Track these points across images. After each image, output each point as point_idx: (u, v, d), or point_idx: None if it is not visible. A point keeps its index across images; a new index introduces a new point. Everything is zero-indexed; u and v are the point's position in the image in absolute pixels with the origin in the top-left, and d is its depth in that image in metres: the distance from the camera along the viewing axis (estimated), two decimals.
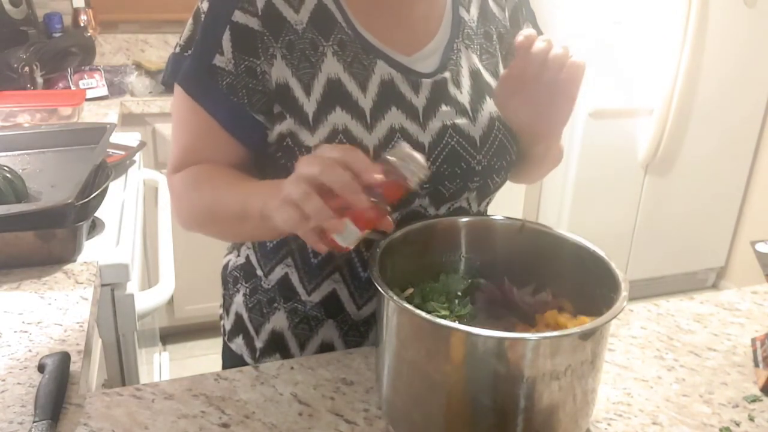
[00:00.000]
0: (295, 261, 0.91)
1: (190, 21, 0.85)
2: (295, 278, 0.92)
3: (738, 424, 0.79)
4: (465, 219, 0.87)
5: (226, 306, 1.02)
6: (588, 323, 0.67)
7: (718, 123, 2.76)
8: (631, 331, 0.97)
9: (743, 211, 3.04)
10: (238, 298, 0.98)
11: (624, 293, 0.69)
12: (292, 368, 0.85)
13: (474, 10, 0.92)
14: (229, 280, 1.01)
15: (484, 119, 0.88)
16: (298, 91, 0.82)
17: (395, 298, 0.67)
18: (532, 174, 1.02)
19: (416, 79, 0.85)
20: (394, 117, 0.83)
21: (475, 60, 0.90)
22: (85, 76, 2.46)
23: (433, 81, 0.86)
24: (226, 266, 1.02)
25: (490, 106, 0.89)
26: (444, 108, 0.86)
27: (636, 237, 2.88)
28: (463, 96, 0.87)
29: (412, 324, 0.68)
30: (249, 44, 0.81)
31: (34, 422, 0.72)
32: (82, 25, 2.64)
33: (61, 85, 2.44)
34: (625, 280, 0.72)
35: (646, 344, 0.94)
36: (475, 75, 0.90)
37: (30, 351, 0.88)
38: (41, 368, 0.82)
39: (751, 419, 0.80)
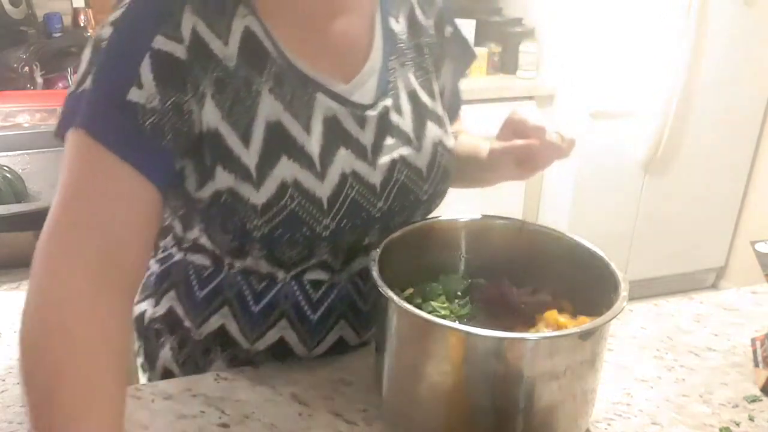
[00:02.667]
0: (233, 310, 0.81)
1: (88, 54, 0.70)
2: (233, 329, 0.82)
3: (738, 424, 0.79)
4: (465, 219, 0.87)
5: (150, 360, 0.90)
6: (587, 323, 0.67)
7: (717, 123, 2.76)
8: (631, 331, 0.97)
9: (743, 211, 3.03)
10: (165, 353, 0.87)
11: (624, 293, 0.69)
12: (291, 368, 0.85)
13: (402, 21, 0.86)
14: (149, 333, 0.89)
15: (428, 146, 0.83)
16: (232, 140, 0.71)
17: (395, 298, 0.67)
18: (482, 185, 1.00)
19: (361, 114, 0.78)
20: (344, 160, 0.76)
21: (411, 79, 0.84)
22: None
23: (379, 114, 0.79)
24: (141, 317, 0.89)
25: (430, 131, 0.84)
26: (390, 140, 0.80)
27: (636, 237, 2.88)
28: (406, 123, 0.82)
29: (412, 324, 0.68)
30: (175, 76, 0.68)
31: None
32: (81, 25, 2.63)
33: (60, 85, 2.44)
34: (624, 280, 0.72)
35: (645, 344, 0.94)
36: (413, 97, 0.84)
37: None
38: None
39: (751, 419, 0.80)
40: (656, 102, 2.63)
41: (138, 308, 0.89)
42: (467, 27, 2.68)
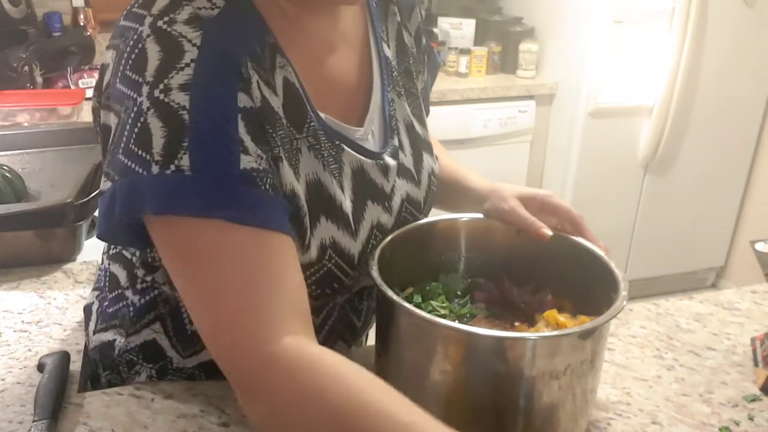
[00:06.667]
0: None
1: (156, 122, 0.59)
2: None
3: (737, 424, 0.79)
4: (465, 218, 0.87)
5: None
6: (587, 323, 0.67)
7: (717, 123, 2.76)
8: (631, 331, 0.97)
9: (743, 210, 3.03)
10: (142, 380, 0.82)
11: (624, 293, 0.70)
12: None
13: (392, 44, 0.83)
14: (120, 362, 0.82)
15: (425, 179, 0.84)
16: (295, 200, 0.67)
17: (395, 297, 0.67)
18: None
19: (383, 163, 0.76)
20: (372, 213, 0.75)
21: (407, 109, 0.83)
22: (85, 75, 2.45)
23: (397, 161, 0.78)
24: (109, 346, 0.82)
25: (426, 163, 0.84)
26: (399, 181, 0.79)
27: (636, 237, 2.88)
28: (407, 159, 0.81)
29: (412, 324, 0.68)
30: (263, 130, 0.64)
31: (33, 421, 0.72)
32: (81, 24, 2.63)
33: (60, 84, 2.43)
34: (624, 279, 0.72)
35: (645, 344, 0.94)
36: (410, 130, 0.83)
37: (29, 350, 0.88)
38: (41, 368, 0.82)
39: (751, 419, 0.80)
40: (656, 102, 2.63)
41: (102, 337, 0.84)
42: (467, 26, 2.68)
